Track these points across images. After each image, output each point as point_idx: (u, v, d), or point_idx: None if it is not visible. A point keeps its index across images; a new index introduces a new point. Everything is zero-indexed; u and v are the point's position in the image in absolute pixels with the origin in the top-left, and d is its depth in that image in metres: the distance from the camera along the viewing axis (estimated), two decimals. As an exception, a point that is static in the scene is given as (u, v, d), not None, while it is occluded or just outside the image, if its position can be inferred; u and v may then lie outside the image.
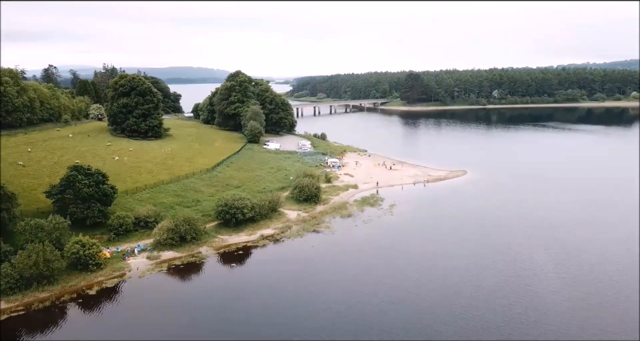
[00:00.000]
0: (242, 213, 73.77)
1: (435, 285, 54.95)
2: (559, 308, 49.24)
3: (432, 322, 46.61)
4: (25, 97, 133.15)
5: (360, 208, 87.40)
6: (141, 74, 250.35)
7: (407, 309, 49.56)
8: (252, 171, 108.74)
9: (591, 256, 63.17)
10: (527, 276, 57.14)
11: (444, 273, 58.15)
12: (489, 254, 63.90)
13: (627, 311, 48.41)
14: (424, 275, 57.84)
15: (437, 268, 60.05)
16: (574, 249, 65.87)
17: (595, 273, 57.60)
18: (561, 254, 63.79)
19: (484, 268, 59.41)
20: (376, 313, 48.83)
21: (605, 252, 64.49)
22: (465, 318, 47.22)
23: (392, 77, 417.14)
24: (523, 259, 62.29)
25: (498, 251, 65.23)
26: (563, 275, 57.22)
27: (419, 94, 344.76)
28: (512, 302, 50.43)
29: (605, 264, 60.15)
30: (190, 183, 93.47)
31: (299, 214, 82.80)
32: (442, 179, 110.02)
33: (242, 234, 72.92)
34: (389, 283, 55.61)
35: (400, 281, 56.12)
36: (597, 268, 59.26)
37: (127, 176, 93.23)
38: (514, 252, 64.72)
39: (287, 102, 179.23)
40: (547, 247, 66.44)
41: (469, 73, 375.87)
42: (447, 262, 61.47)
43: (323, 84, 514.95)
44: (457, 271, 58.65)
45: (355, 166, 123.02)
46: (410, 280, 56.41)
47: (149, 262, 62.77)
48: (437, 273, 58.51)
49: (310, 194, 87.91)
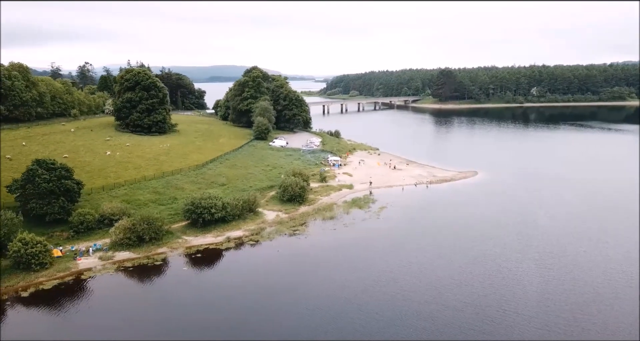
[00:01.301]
0: (210, 213, 69.21)
1: (389, 315, 48.24)
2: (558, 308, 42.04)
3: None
4: (34, 91, 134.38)
5: (347, 209, 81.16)
6: (166, 70, 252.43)
7: (353, 330, 43.38)
8: (246, 168, 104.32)
9: (585, 272, 54.72)
10: (509, 297, 49.58)
11: (403, 301, 51.20)
12: (467, 269, 56.41)
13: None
14: (380, 293, 51.25)
15: (396, 283, 53.24)
16: (566, 265, 57.42)
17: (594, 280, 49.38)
18: (552, 272, 55.55)
19: (458, 290, 52.09)
20: (323, 326, 42.96)
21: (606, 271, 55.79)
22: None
23: (425, 74, 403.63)
24: (508, 276, 54.54)
25: (479, 265, 57.60)
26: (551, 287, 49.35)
27: (451, 92, 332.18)
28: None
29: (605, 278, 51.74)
30: (174, 179, 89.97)
31: (277, 215, 77.53)
32: (447, 180, 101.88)
33: (208, 236, 68.39)
34: (343, 298, 49.47)
35: (356, 297, 49.82)
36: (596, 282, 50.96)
37: (111, 172, 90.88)
38: (497, 266, 56.94)
39: (301, 99, 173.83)
40: (538, 261, 58.25)
41: (506, 70, 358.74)
42: (413, 285, 54.31)
43: (356, 81, 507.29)
44: (423, 294, 51.53)
45: (357, 165, 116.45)
46: (366, 297, 50.02)
47: (100, 263, 59.21)
48: (396, 293, 51.65)
49: (294, 194, 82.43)
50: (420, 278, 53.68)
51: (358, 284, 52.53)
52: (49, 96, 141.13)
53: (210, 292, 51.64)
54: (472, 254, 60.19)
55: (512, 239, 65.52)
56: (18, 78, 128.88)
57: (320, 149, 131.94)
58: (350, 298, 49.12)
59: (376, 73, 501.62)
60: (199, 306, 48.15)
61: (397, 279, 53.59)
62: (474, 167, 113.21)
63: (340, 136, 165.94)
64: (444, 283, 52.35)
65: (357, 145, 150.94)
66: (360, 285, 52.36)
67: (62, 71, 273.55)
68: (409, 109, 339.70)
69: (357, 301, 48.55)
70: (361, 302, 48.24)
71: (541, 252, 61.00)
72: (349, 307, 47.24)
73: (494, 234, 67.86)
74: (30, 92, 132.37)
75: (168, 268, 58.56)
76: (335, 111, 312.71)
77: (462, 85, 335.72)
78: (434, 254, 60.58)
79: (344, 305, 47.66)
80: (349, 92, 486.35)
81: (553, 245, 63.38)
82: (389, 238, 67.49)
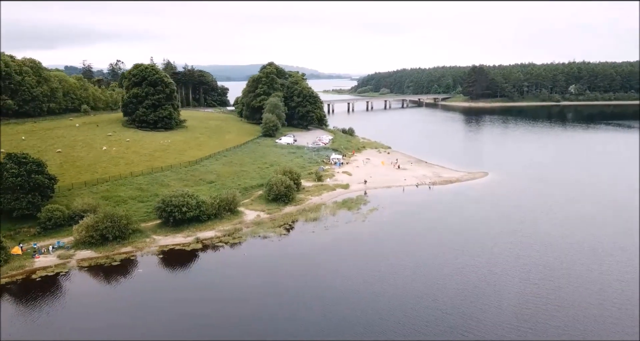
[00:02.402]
0: (181, 211, 65.87)
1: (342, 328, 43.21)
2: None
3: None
4: (46, 87, 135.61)
5: (334, 211, 76.25)
6: (188, 67, 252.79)
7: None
8: (241, 165, 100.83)
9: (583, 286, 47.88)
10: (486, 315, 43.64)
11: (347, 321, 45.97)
12: (438, 284, 50.54)
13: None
14: (340, 308, 46.25)
15: (362, 298, 47.99)
16: (555, 283, 50.63)
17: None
18: (536, 289, 48.97)
19: (421, 311, 46.42)
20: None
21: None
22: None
23: (457, 71, 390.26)
24: (485, 291, 48.41)
25: (453, 279, 51.59)
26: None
27: (482, 90, 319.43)
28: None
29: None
30: (162, 176, 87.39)
31: (258, 216, 73.46)
32: (452, 181, 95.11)
33: (178, 236, 65.07)
34: (293, 309, 44.83)
35: (306, 310, 45.08)
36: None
37: (100, 167, 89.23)
38: (474, 281, 50.80)
39: (315, 96, 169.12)
40: (523, 276, 51.70)
41: (542, 67, 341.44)
42: (369, 301, 48.95)
43: (387, 79, 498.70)
44: (375, 314, 46.12)
45: (361, 164, 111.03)
46: (322, 309, 45.17)
47: (58, 261, 56.83)
48: (344, 309, 46.45)
49: (279, 193, 78.16)
50: (380, 293, 48.18)
51: (312, 296, 47.70)
52: (61, 91, 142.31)
53: (157, 295, 48.10)
54: (449, 268, 53.98)
55: (500, 250, 58.81)
56: (29, 73, 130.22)
57: (325, 148, 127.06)
58: (301, 311, 44.43)
59: (407, 71, 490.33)
60: (139, 311, 44.72)
61: (356, 290, 48.38)
62: (487, 168, 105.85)
63: (354, 134, 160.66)
64: (404, 300, 46.55)
65: (369, 143, 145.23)
66: (314, 297, 47.53)
67: (93, 68, 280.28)
68: (438, 107, 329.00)
69: (305, 315, 43.81)
70: (310, 316, 43.48)
71: (529, 264, 54.31)
72: (297, 320, 42.59)
73: (482, 243, 61.20)
74: (41, 87, 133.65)
75: (124, 269, 55.44)
76: (361, 109, 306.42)
77: (494, 82, 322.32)
78: (406, 265, 54.62)
79: (292, 318, 43.04)
80: (379, 90, 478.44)
81: (546, 258, 56.46)
82: (366, 243, 62.20)
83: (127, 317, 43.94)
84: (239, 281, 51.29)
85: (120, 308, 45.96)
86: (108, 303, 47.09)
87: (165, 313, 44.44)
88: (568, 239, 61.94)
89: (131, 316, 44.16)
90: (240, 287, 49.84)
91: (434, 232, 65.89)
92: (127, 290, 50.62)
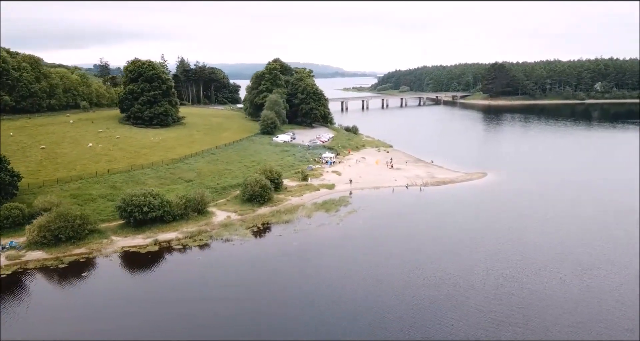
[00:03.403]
0: (142, 211, 62.73)
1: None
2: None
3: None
4: (45, 83, 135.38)
5: (311, 212, 72.04)
6: (200, 64, 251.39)
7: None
8: (227, 164, 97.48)
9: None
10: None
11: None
12: (398, 298, 45.80)
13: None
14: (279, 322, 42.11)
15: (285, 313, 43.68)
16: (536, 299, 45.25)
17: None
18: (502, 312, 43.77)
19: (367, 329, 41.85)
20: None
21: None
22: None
23: (478, 68, 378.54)
24: (448, 305, 43.51)
25: (412, 293, 46.77)
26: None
27: (502, 87, 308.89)
28: None
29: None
30: (140, 174, 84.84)
31: (228, 217, 69.83)
32: (445, 182, 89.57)
33: (138, 237, 61.96)
34: (237, 321, 40.96)
35: (245, 320, 41.14)
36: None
37: (80, 164, 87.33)
38: (438, 297, 45.86)
39: (319, 92, 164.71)
40: (496, 290, 46.50)
41: (566, 64, 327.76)
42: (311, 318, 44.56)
43: (407, 76, 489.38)
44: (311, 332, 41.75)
45: (354, 163, 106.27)
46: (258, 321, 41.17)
47: (5, 262, 54.35)
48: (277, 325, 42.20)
49: (254, 193, 74.32)
50: (325, 308, 43.86)
51: (252, 306, 43.71)
52: (61, 88, 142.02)
53: (93, 301, 44.87)
54: (416, 279, 49.21)
55: (474, 263, 53.50)
56: (27, 69, 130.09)
57: (321, 146, 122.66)
58: (240, 322, 40.54)
59: (428, 68, 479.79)
60: (71, 318, 41.57)
61: (299, 303, 44.12)
62: (490, 169, 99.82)
63: (357, 132, 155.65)
64: (356, 317, 42.13)
65: (371, 142, 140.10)
66: (259, 307, 43.54)
67: (112, 66, 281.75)
68: (456, 105, 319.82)
69: (244, 326, 39.89)
70: (250, 328, 39.54)
71: (500, 277, 48.96)
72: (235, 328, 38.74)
73: (459, 254, 55.95)
74: (40, 84, 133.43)
75: (69, 272, 52.45)
76: (376, 107, 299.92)
77: (515, 80, 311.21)
78: (366, 278, 49.85)
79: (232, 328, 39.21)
80: (399, 87, 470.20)
81: (522, 270, 51.00)
82: (331, 250, 57.79)
83: (54, 325, 40.82)
84: (182, 289, 47.69)
85: (49, 316, 42.90)
86: (39, 310, 44.09)
87: (91, 321, 41.15)
88: (554, 250, 56.14)
89: (59, 324, 41.03)
90: (181, 296, 46.21)
91: (407, 238, 60.93)
92: (62, 295, 47.60)
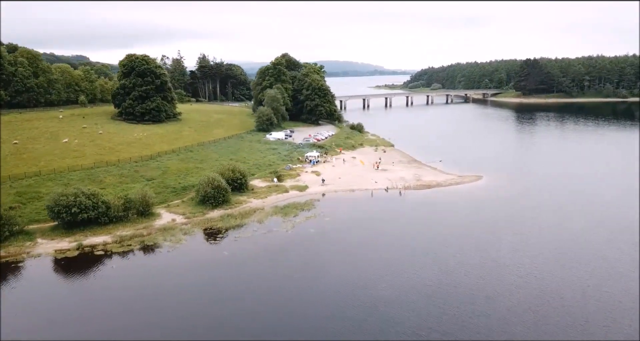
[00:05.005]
0: (70, 212, 57.87)
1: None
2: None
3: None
4: (42, 78, 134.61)
5: (266, 217, 65.46)
6: (224, 62, 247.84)
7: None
8: (201, 162, 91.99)
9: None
10: None
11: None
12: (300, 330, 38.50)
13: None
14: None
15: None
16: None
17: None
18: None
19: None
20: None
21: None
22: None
23: (512, 64, 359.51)
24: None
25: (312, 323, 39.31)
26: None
27: (536, 84, 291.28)
28: None
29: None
30: (101, 171, 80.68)
31: (173, 220, 64.14)
32: (431, 186, 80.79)
33: (65, 240, 57.18)
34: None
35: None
36: None
37: (44, 160, 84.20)
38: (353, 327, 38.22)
39: (324, 88, 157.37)
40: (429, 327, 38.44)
41: (607, 60, 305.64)
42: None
43: (439, 73, 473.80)
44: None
45: (340, 163, 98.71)
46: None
47: None
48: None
49: (206, 195, 68.35)
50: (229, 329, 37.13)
51: (155, 322, 37.57)
52: (60, 83, 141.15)
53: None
54: (343, 298, 41.76)
55: (417, 283, 45.41)
56: (24, 64, 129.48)
57: (313, 144, 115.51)
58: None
59: (462, 65, 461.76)
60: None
61: (205, 322, 37.57)
62: (486, 172, 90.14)
63: (362, 130, 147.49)
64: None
65: (372, 140, 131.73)
66: (156, 323, 37.38)
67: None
68: (487, 103, 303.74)
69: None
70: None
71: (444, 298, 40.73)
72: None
73: (401, 273, 47.88)
74: (37, 79, 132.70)
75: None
76: (399, 104, 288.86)
77: (549, 76, 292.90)
78: (292, 298, 43.07)
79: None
80: (431, 85, 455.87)
81: (486, 292, 42.56)
82: (262, 263, 50.93)
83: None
84: (81, 300, 42.25)
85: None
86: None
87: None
88: (534, 274, 47.21)
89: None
90: (77, 308, 40.71)
91: (358, 251, 53.34)
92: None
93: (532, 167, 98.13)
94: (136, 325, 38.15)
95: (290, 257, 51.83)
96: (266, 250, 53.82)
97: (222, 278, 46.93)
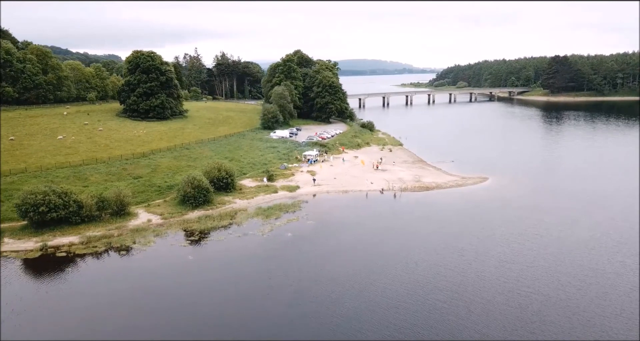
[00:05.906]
0: (38, 211, 55.72)
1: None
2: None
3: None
4: (52, 75, 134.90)
5: (246, 219, 62.07)
6: (241, 60, 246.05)
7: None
8: (195, 160, 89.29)
9: None
10: None
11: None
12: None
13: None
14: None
15: None
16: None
17: None
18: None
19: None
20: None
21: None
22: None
23: (541, 62, 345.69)
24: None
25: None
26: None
27: (565, 82, 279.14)
28: None
29: None
30: (89, 169, 78.84)
31: (149, 220, 61.35)
32: (430, 188, 75.76)
33: (32, 240, 55.03)
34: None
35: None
36: None
37: (36, 157, 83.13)
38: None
39: (335, 86, 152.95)
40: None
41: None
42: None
43: (465, 71, 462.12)
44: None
45: (340, 163, 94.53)
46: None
47: None
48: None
49: (186, 194, 65.38)
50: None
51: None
52: (69, 80, 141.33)
53: None
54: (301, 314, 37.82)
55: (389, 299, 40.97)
56: (33, 61, 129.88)
57: (316, 142, 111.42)
58: None
59: (489, 62, 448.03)
60: None
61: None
62: (493, 173, 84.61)
63: (373, 129, 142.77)
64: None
65: (380, 139, 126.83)
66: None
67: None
68: (512, 101, 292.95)
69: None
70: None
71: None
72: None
73: (376, 284, 43.53)
74: (46, 75, 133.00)
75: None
76: (421, 102, 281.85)
77: (579, 74, 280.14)
78: (244, 312, 39.41)
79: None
80: (456, 83, 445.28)
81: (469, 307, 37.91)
82: (224, 269, 47.50)
83: None
84: (24, 306, 39.59)
85: None
86: None
87: None
88: (527, 289, 42.18)
89: None
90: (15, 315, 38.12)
91: (323, 260, 49.16)
92: None
93: (547, 169, 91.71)
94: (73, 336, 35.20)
95: (257, 265, 48.07)
96: (235, 255, 50.28)
97: (173, 286, 43.54)
